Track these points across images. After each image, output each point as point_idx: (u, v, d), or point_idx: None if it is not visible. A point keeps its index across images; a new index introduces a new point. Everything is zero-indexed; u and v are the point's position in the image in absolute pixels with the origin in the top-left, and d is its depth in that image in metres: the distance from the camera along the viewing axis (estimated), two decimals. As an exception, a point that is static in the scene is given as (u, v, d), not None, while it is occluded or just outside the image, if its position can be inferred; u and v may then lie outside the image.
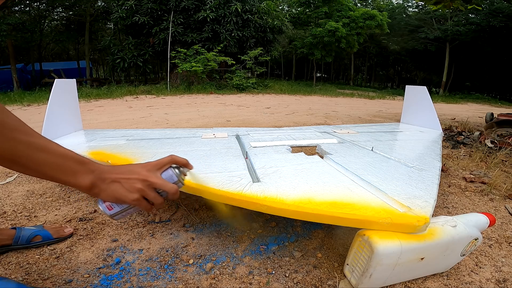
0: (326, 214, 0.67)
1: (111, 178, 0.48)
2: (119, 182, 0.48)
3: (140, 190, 0.48)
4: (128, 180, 0.48)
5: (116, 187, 0.48)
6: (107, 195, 0.48)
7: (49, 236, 0.87)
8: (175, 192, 0.51)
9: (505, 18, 13.06)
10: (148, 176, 0.49)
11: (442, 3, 3.75)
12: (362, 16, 13.57)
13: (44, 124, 1.29)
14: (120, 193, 0.48)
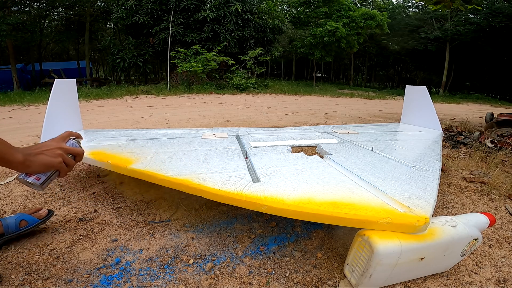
0: (326, 214, 0.67)
1: (35, 152, 0.62)
2: (43, 154, 0.62)
3: (61, 155, 0.64)
4: (49, 150, 0.63)
5: (42, 156, 0.62)
6: (37, 164, 0.61)
7: (33, 219, 0.90)
8: (82, 153, 0.70)
9: (505, 18, 13.06)
10: (62, 144, 0.66)
11: (442, 3, 3.75)
12: (362, 16, 13.58)
13: (44, 124, 1.29)
14: (47, 160, 0.62)
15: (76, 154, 0.69)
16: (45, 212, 0.94)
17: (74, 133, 0.72)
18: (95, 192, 1.25)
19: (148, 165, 0.93)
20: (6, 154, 0.57)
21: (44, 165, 0.62)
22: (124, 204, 1.14)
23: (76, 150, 0.68)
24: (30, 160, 0.60)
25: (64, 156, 0.65)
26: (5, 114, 3.95)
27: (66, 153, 0.66)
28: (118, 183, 1.35)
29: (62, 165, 0.65)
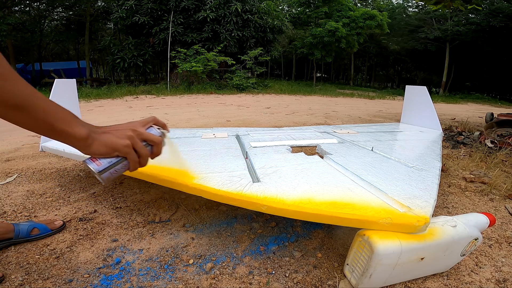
0: (326, 214, 0.67)
1: (102, 130, 0.51)
2: (110, 133, 0.51)
3: (131, 137, 0.51)
4: (118, 130, 0.52)
5: (108, 135, 0.50)
6: (99, 143, 0.49)
7: (45, 228, 0.91)
8: (160, 142, 0.55)
9: (505, 18, 13.06)
10: (138, 127, 0.53)
11: (442, 3, 3.75)
12: (362, 16, 13.58)
13: (44, 124, 1.29)
14: (112, 140, 0.50)
15: (153, 143, 0.54)
16: (60, 223, 0.96)
17: (160, 121, 0.59)
18: (95, 192, 1.25)
19: (148, 165, 0.93)
20: (67, 125, 0.46)
21: (106, 145, 0.50)
22: (124, 204, 1.14)
23: (153, 138, 0.54)
24: (93, 137, 0.49)
25: (135, 141, 0.51)
26: (5, 114, 3.94)
27: (140, 139, 0.52)
28: (118, 183, 1.35)
29: (130, 150, 0.51)
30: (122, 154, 0.51)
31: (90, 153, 0.50)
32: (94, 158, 0.51)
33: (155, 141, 0.54)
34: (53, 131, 0.46)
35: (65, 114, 0.47)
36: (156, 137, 0.54)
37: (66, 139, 0.47)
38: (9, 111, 0.42)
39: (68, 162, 1.65)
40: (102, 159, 0.51)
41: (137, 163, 0.53)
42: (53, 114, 0.45)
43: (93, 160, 0.51)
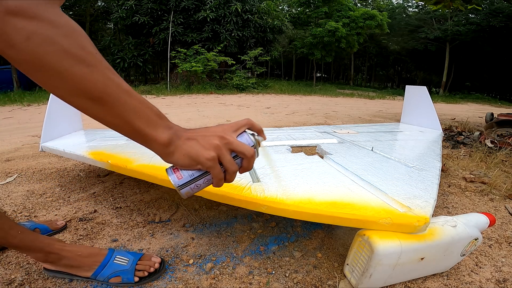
0: (326, 214, 0.67)
1: (187, 135, 0.43)
2: (195, 139, 0.43)
3: (217, 148, 0.42)
4: (205, 137, 0.43)
5: (192, 143, 0.42)
6: (181, 153, 0.42)
7: (47, 229, 0.91)
8: (252, 156, 0.45)
9: (505, 18, 13.07)
10: (228, 134, 0.44)
11: (442, 3, 3.75)
12: (362, 16, 13.58)
13: (44, 124, 1.29)
14: (196, 150, 0.42)
15: (244, 155, 0.44)
16: (62, 224, 0.95)
17: (255, 125, 0.49)
18: (95, 192, 1.25)
19: (148, 165, 0.93)
20: (149, 126, 0.40)
21: (189, 156, 0.42)
22: (124, 204, 1.14)
23: (244, 149, 0.44)
24: (175, 144, 0.42)
25: (222, 152, 0.43)
26: (5, 114, 3.95)
27: (228, 149, 0.43)
28: (118, 183, 1.35)
29: (215, 164, 0.43)
30: (205, 168, 0.43)
31: (170, 162, 0.44)
32: (176, 168, 0.45)
33: (246, 154, 0.44)
34: (132, 131, 0.40)
35: (150, 112, 0.41)
36: (248, 148, 0.44)
37: (146, 142, 0.42)
38: (88, 103, 0.37)
39: (68, 162, 1.65)
40: (183, 170, 0.44)
41: (222, 180, 0.45)
42: (136, 111, 0.39)
43: (174, 171, 0.45)
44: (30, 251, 0.68)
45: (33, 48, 0.33)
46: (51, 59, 0.34)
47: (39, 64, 0.34)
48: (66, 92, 0.36)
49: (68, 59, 0.34)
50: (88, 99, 0.37)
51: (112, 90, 0.37)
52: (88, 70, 0.36)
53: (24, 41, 0.33)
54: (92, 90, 0.36)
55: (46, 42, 0.33)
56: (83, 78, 0.35)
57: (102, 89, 0.37)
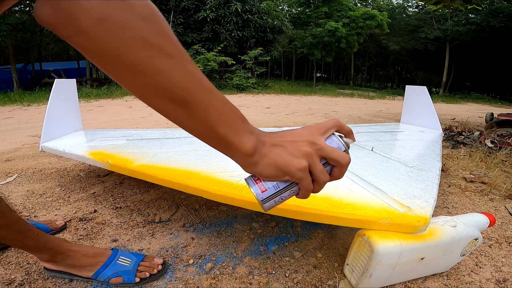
0: (326, 214, 0.67)
1: (271, 141, 0.37)
2: (282, 146, 0.36)
3: (309, 155, 0.36)
4: (293, 142, 0.36)
5: (279, 151, 0.36)
6: (267, 163, 0.36)
7: (46, 229, 0.91)
8: (348, 163, 0.39)
9: (505, 18, 13.07)
10: (318, 138, 0.37)
11: (442, 3, 3.75)
12: (362, 16, 13.59)
13: (44, 124, 1.29)
14: (284, 159, 0.35)
15: (338, 163, 0.38)
16: (61, 224, 0.96)
17: (344, 126, 0.43)
18: (95, 192, 1.25)
19: (148, 165, 0.93)
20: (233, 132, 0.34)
21: (276, 167, 0.36)
22: (124, 204, 1.14)
23: (338, 157, 0.38)
24: (260, 153, 0.36)
25: (313, 160, 0.36)
26: (5, 114, 3.95)
27: (320, 156, 0.37)
28: (118, 183, 1.35)
29: (306, 175, 0.36)
30: (294, 179, 0.37)
31: (253, 173, 0.38)
32: (258, 179, 0.39)
33: (341, 162, 0.38)
34: (215, 138, 0.34)
35: (234, 116, 0.35)
36: (343, 155, 0.38)
37: (228, 151, 0.36)
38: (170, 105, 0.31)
39: (68, 162, 1.65)
40: (267, 181, 0.38)
41: (310, 192, 0.39)
42: (220, 115, 0.33)
43: (256, 181, 0.39)
44: (39, 251, 0.68)
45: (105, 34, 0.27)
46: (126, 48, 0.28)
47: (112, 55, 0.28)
48: (145, 91, 0.31)
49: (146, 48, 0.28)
50: (170, 101, 0.31)
51: (195, 90, 0.31)
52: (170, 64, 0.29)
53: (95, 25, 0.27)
54: (174, 90, 0.30)
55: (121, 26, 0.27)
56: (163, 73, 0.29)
57: (185, 89, 0.31)
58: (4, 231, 0.61)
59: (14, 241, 0.64)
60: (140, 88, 0.31)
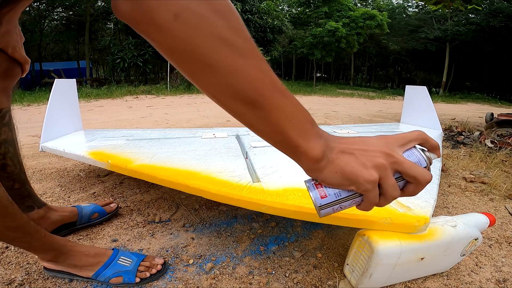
0: (326, 214, 0.67)
1: (341, 147, 0.35)
2: (352, 154, 0.34)
3: (381, 168, 0.33)
4: (365, 152, 0.34)
5: (348, 159, 0.34)
6: (333, 170, 0.34)
7: (104, 212, 0.97)
8: (428, 181, 0.35)
9: (505, 18, 13.07)
10: (391, 150, 0.35)
11: (442, 3, 3.75)
12: (362, 16, 13.59)
13: (44, 124, 1.29)
14: (353, 168, 0.33)
15: (416, 180, 0.35)
16: (114, 206, 1.02)
17: (429, 138, 0.40)
18: (95, 192, 1.25)
19: (148, 165, 0.93)
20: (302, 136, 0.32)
21: (342, 175, 0.34)
22: (124, 204, 1.14)
23: (418, 174, 0.34)
24: (328, 159, 0.34)
25: (386, 174, 0.34)
26: (5, 114, 3.94)
27: (394, 170, 0.34)
28: (118, 183, 1.35)
29: (374, 188, 0.34)
30: (360, 190, 0.34)
31: (317, 178, 0.36)
32: (320, 184, 0.37)
33: (420, 180, 0.34)
34: (283, 141, 0.33)
35: (304, 119, 0.33)
36: (423, 172, 0.34)
37: (294, 155, 0.34)
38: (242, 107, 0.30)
39: (68, 162, 1.65)
40: (329, 188, 0.36)
41: (373, 205, 0.36)
42: (291, 117, 0.32)
43: (317, 186, 0.37)
44: (44, 252, 0.68)
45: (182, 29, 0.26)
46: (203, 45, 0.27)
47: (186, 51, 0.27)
48: (217, 91, 0.30)
49: (223, 46, 0.27)
50: (243, 102, 0.30)
51: (268, 91, 0.30)
52: (243, 63, 0.28)
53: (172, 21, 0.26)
54: (246, 90, 0.29)
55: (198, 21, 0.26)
56: (237, 74, 0.28)
57: (257, 89, 0.29)
58: (14, 233, 0.61)
59: (22, 242, 0.64)
60: (212, 87, 0.30)
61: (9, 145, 0.75)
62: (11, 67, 0.67)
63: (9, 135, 0.75)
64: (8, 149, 0.74)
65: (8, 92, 0.71)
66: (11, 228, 0.60)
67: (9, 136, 0.75)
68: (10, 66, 0.67)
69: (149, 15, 0.26)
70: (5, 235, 0.60)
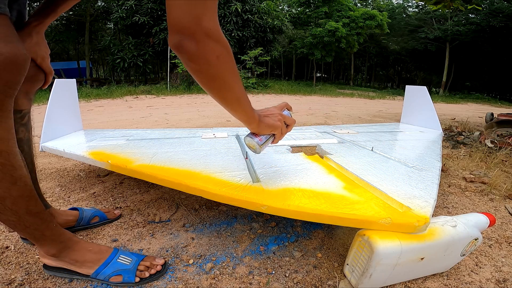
0: (326, 214, 0.67)
1: (263, 114, 0.70)
2: (268, 116, 0.71)
3: (280, 119, 0.72)
4: (273, 115, 0.72)
5: (268, 118, 0.70)
6: (264, 125, 0.69)
7: (104, 217, 0.98)
8: (293, 123, 0.77)
9: (505, 18, 13.08)
10: (281, 112, 0.74)
11: (442, 3, 3.75)
12: (362, 16, 13.59)
13: (44, 124, 1.29)
14: (272, 122, 0.70)
15: (289, 123, 0.75)
16: (118, 213, 1.03)
17: (289, 105, 0.79)
18: (95, 192, 1.25)
19: (148, 165, 0.93)
20: (253, 111, 0.64)
21: (269, 127, 0.70)
22: (124, 204, 1.14)
23: (290, 119, 0.75)
24: (261, 120, 0.68)
25: (282, 122, 0.73)
26: (5, 114, 3.93)
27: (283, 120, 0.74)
28: (118, 183, 1.35)
29: (282, 126, 0.72)
30: (276, 131, 0.72)
31: (257, 131, 0.70)
32: (255, 135, 0.72)
33: (291, 122, 0.76)
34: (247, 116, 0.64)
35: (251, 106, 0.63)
36: (292, 119, 0.76)
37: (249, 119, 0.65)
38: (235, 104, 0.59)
39: (68, 162, 1.65)
40: (261, 135, 0.72)
41: (280, 138, 0.75)
42: (248, 104, 0.62)
43: (255, 136, 0.72)
44: (51, 243, 0.68)
45: (220, 65, 0.50)
46: (227, 73, 0.52)
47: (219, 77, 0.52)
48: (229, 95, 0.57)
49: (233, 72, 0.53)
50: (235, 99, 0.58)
51: (243, 95, 0.59)
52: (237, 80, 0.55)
53: (215, 60, 0.48)
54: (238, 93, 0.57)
55: (227, 61, 0.51)
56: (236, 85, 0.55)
57: (241, 92, 0.58)
58: (33, 219, 0.63)
59: (36, 230, 0.65)
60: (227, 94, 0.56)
61: (24, 144, 0.79)
62: (37, 74, 0.74)
63: (25, 135, 0.80)
64: (23, 148, 0.78)
65: (30, 96, 0.76)
66: (33, 213, 0.62)
67: (25, 136, 0.80)
68: (37, 73, 0.74)
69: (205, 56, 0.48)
70: (24, 221, 0.61)
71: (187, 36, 0.45)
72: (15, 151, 0.57)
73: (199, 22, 0.44)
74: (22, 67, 0.55)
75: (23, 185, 0.59)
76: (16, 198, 0.58)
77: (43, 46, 0.73)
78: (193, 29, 0.44)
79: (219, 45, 0.48)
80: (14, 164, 0.57)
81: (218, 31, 0.46)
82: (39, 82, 0.76)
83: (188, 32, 0.44)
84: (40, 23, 0.72)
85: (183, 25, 0.44)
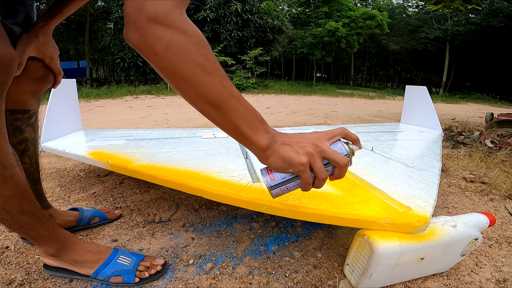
0: (326, 214, 0.67)
1: (282, 140, 0.48)
2: (289, 145, 0.47)
3: (310, 154, 0.46)
4: (299, 143, 0.48)
5: (286, 148, 0.47)
6: (277, 157, 0.47)
7: (104, 217, 0.97)
8: (345, 165, 0.48)
9: (505, 18, 13.08)
10: (322, 142, 0.48)
11: (442, 3, 3.75)
12: (362, 16, 13.59)
13: (44, 124, 1.29)
14: (290, 154, 0.46)
15: (336, 164, 0.48)
16: (118, 213, 1.03)
17: (349, 133, 0.54)
18: (95, 192, 1.25)
19: (148, 165, 0.93)
20: (252, 130, 0.45)
21: (283, 160, 0.46)
22: (124, 204, 1.14)
23: (337, 158, 0.47)
24: (272, 149, 0.46)
25: (314, 159, 0.46)
26: (5, 114, 3.93)
27: (321, 157, 0.47)
28: (118, 183, 1.35)
29: (306, 169, 0.46)
30: (296, 172, 0.47)
31: (266, 164, 0.49)
32: (270, 170, 0.50)
33: (339, 163, 0.47)
34: (238, 134, 0.46)
35: (254, 118, 0.46)
36: (341, 157, 0.47)
37: (248, 144, 0.47)
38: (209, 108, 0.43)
39: (68, 162, 1.65)
40: (277, 173, 0.49)
41: (310, 185, 0.49)
42: (242, 116, 0.45)
43: (268, 172, 0.50)
44: (49, 243, 0.68)
45: (170, 56, 0.39)
46: (184, 67, 0.40)
47: (174, 72, 0.40)
48: (194, 98, 0.42)
49: (196, 68, 0.40)
50: (208, 105, 0.42)
51: (226, 97, 0.43)
52: (210, 79, 0.41)
53: (164, 50, 0.38)
54: (211, 97, 0.42)
55: (181, 51, 0.39)
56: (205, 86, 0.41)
57: (219, 97, 0.42)
58: (27, 218, 0.62)
59: (31, 230, 0.64)
60: (190, 95, 0.42)
61: (30, 143, 0.79)
62: (46, 74, 0.75)
63: (31, 135, 0.79)
64: (28, 147, 0.78)
65: (38, 96, 0.76)
66: (26, 212, 0.61)
67: (31, 135, 0.79)
68: (45, 73, 0.75)
69: (149, 45, 0.38)
70: (18, 220, 0.61)
71: (129, 24, 0.38)
72: (6, 150, 0.56)
73: (141, 7, 0.37)
74: (9, 67, 0.54)
75: (15, 185, 0.58)
76: (7, 197, 0.57)
77: (51, 46, 0.73)
78: (135, 16, 0.38)
79: (170, 32, 0.38)
80: (4, 163, 0.56)
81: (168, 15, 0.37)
82: (48, 82, 0.77)
83: (131, 20, 0.38)
84: (46, 23, 0.73)
85: (126, 13, 0.38)
